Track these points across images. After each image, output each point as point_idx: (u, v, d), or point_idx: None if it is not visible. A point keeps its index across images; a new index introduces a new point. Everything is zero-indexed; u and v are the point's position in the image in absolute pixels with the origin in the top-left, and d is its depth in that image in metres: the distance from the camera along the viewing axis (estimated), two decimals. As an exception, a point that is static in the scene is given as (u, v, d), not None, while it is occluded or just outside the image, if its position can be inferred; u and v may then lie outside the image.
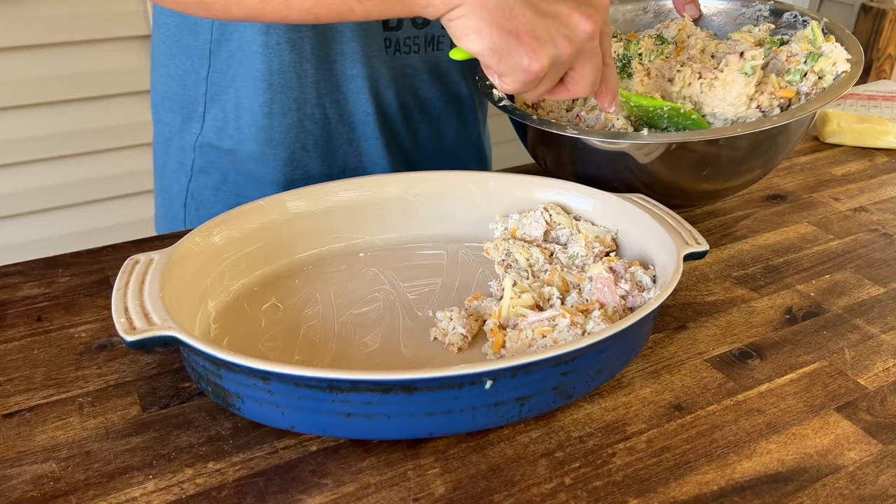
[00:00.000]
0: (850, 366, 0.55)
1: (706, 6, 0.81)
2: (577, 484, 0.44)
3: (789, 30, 0.77)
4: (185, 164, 0.79)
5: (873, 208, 0.79)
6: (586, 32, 0.48)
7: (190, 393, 0.50)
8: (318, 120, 0.75)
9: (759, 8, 0.79)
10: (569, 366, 0.46)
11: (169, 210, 0.83)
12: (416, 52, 0.77)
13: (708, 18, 0.81)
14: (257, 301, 0.58)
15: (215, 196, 0.79)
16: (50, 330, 0.57)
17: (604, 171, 0.67)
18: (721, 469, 0.46)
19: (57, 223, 1.67)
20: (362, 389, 0.43)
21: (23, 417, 0.48)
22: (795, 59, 0.70)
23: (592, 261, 0.60)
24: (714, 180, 0.67)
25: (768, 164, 0.69)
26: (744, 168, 0.67)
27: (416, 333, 0.55)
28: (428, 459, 0.46)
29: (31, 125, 1.56)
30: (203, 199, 0.80)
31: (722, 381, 0.53)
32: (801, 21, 0.76)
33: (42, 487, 0.43)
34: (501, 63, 0.48)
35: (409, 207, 0.66)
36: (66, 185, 1.65)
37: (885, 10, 1.98)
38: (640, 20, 0.83)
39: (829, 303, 0.62)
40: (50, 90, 1.55)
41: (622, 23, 0.83)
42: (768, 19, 0.79)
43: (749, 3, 0.80)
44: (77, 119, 1.60)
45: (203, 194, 0.79)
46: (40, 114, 1.56)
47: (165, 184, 0.83)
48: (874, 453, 0.47)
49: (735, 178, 0.69)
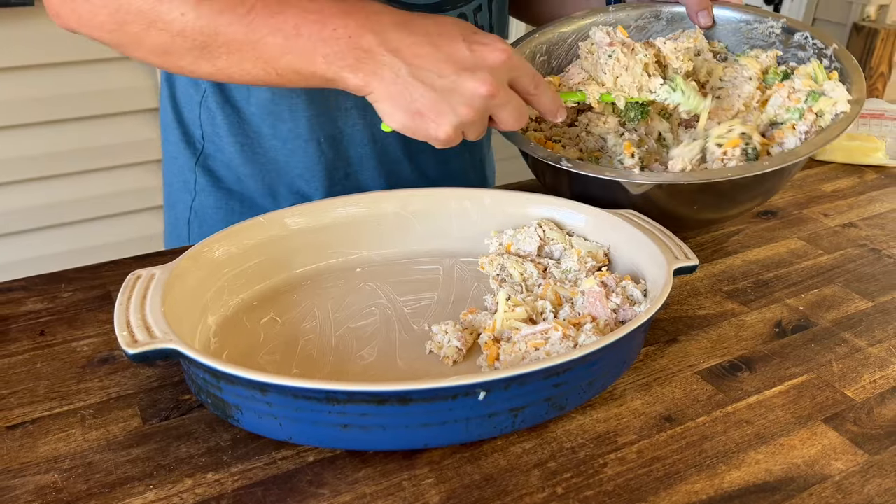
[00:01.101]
0: (837, 378, 0.56)
1: (719, 17, 0.80)
2: (569, 494, 0.45)
3: (799, 51, 0.76)
4: (188, 184, 0.81)
5: (862, 224, 0.80)
6: (482, 95, 0.53)
7: (190, 405, 0.51)
8: (312, 153, 0.76)
9: (772, 24, 0.79)
10: (561, 377, 0.47)
11: (175, 227, 0.85)
12: None
13: (720, 29, 0.80)
14: (256, 315, 0.59)
15: (217, 215, 0.80)
16: (53, 344, 0.58)
17: (600, 194, 0.68)
18: (710, 479, 0.46)
19: (60, 240, 1.68)
20: (358, 401, 0.44)
21: (26, 429, 0.49)
22: (796, 96, 0.71)
23: (585, 275, 0.61)
24: (709, 211, 0.69)
25: (762, 199, 0.71)
26: (736, 202, 0.69)
27: (412, 347, 0.57)
28: (423, 470, 0.47)
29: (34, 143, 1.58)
30: (206, 217, 0.81)
31: (712, 392, 0.54)
32: (812, 44, 0.76)
33: (45, 498, 0.44)
34: (417, 136, 0.55)
35: (406, 223, 0.68)
36: (70, 203, 1.66)
37: (876, 29, 2.02)
38: (653, 27, 0.82)
39: (817, 316, 0.64)
40: (54, 109, 1.57)
41: (634, 29, 0.81)
42: (780, 37, 0.78)
43: (762, 19, 0.79)
44: (80, 137, 1.62)
45: (206, 213, 0.81)
46: (44, 132, 1.59)
47: (171, 201, 0.85)
48: (860, 463, 0.48)
49: (728, 209, 0.70)
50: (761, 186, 0.68)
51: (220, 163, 0.79)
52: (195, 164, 0.80)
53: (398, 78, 0.53)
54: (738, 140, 0.67)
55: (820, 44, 0.76)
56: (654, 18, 0.82)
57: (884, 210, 0.83)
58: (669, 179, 0.63)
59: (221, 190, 0.79)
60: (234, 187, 0.79)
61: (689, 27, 0.81)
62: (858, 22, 2.06)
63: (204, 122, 0.77)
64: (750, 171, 0.63)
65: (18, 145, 1.57)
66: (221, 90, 0.75)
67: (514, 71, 0.56)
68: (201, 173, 0.79)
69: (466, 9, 0.77)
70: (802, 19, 2.15)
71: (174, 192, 0.83)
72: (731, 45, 0.80)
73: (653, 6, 0.82)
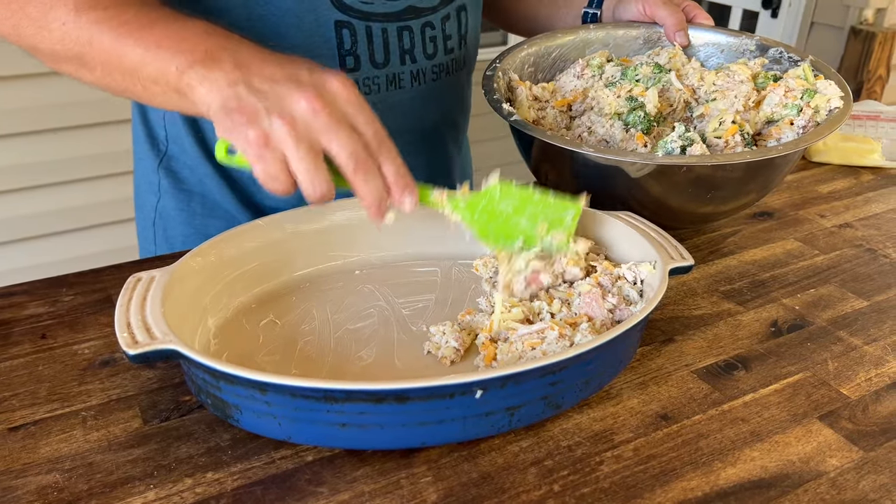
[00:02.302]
0: (833, 376, 0.56)
1: (694, 37, 0.84)
2: (566, 491, 0.46)
3: (774, 64, 0.80)
4: (153, 185, 0.81)
5: (858, 225, 0.80)
6: (303, 108, 0.48)
7: (190, 406, 0.52)
8: None
9: (746, 42, 0.83)
10: (557, 376, 0.48)
11: (143, 229, 0.85)
12: (378, 92, 0.75)
13: (695, 49, 0.84)
14: (256, 317, 0.60)
15: (180, 216, 0.80)
16: (54, 347, 0.58)
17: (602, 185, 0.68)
18: (706, 476, 0.47)
19: (62, 248, 1.69)
20: (356, 399, 0.44)
21: (28, 431, 0.50)
22: (793, 94, 0.73)
23: (581, 276, 0.61)
24: (706, 203, 0.69)
25: (761, 192, 0.72)
26: (737, 193, 0.70)
27: (411, 347, 0.57)
28: (421, 468, 0.47)
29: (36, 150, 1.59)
30: (170, 218, 0.81)
31: (708, 391, 0.54)
32: (787, 57, 0.80)
33: (46, 497, 0.45)
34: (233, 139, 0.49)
35: (404, 226, 0.68)
36: (71, 210, 1.67)
37: (874, 33, 2.02)
38: (630, 46, 0.86)
39: (813, 316, 0.64)
40: (56, 117, 1.58)
41: (613, 47, 0.85)
42: (754, 53, 0.82)
43: (737, 37, 0.83)
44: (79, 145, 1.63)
45: (170, 214, 0.81)
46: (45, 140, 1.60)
47: (140, 203, 0.85)
48: (855, 460, 0.48)
49: (727, 202, 0.71)
50: (758, 178, 0.69)
51: (182, 164, 0.79)
52: (158, 165, 0.80)
53: (233, 87, 0.49)
54: (735, 127, 0.69)
55: (796, 56, 0.79)
56: (632, 39, 0.86)
57: (880, 211, 0.84)
58: (669, 161, 0.64)
59: (183, 192, 0.80)
60: (196, 189, 0.79)
61: (666, 46, 0.84)
62: (856, 25, 2.07)
63: (168, 122, 0.78)
64: (749, 157, 0.64)
65: (21, 153, 1.58)
66: None
67: (351, 106, 0.50)
68: (164, 175, 0.80)
69: (433, 17, 0.76)
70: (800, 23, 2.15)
71: (141, 193, 0.84)
72: (709, 64, 0.84)
73: (630, 26, 0.86)
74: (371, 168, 0.50)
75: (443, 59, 0.78)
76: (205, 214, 0.79)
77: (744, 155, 0.65)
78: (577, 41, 0.85)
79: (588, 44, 0.85)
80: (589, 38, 0.85)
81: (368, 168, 0.50)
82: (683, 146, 0.66)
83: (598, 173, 0.68)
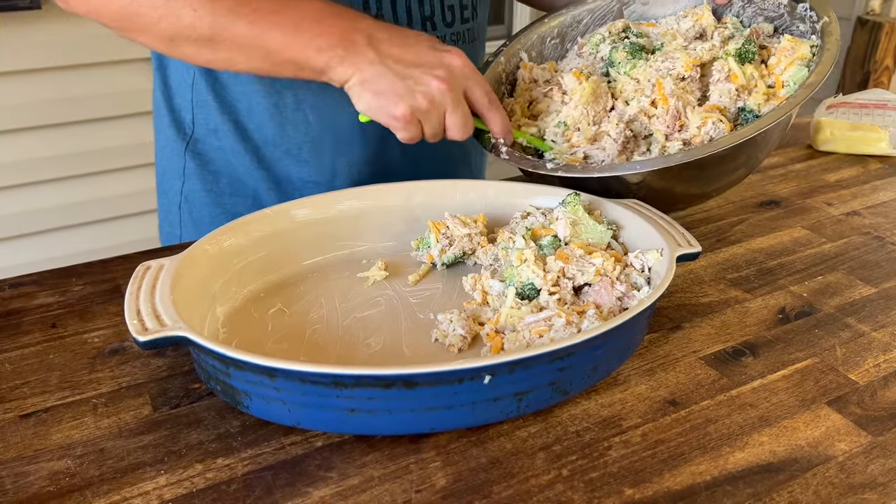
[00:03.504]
0: (841, 362, 0.56)
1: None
2: (575, 475, 0.46)
3: (800, 23, 0.74)
4: (178, 169, 0.83)
5: (866, 212, 0.80)
6: (438, 87, 0.61)
7: (199, 394, 0.52)
8: (299, 125, 0.78)
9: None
10: (564, 361, 0.48)
11: (167, 214, 0.87)
12: None
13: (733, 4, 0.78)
14: (264, 306, 0.60)
15: (207, 196, 0.82)
16: (64, 336, 0.59)
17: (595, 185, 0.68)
18: (714, 460, 0.47)
19: (71, 242, 1.70)
20: (365, 385, 0.44)
21: (39, 418, 0.50)
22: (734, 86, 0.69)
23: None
24: (699, 184, 0.69)
25: (750, 164, 0.70)
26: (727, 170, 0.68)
27: (418, 335, 0.57)
28: (429, 453, 0.47)
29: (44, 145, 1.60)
30: (196, 200, 0.83)
31: (716, 377, 0.54)
32: (809, 16, 0.73)
33: (58, 483, 0.45)
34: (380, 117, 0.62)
35: (411, 215, 0.68)
36: (81, 204, 1.68)
37: (880, 23, 2.01)
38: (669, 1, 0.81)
39: (821, 303, 0.64)
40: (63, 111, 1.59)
41: (652, 4, 0.81)
42: (786, 7, 0.75)
43: None
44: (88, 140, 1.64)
45: (196, 196, 0.83)
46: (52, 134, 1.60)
47: (164, 189, 0.87)
48: (864, 444, 0.48)
49: (719, 180, 0.70)
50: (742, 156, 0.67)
51: (209, 146, 0.81)
52: (185, 149, 0.82)
53: (373, 67, 0.60)
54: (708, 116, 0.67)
55: (815, 16, 0.73)
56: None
57: (887, 199, 0.84)
58: (661, 164, 0.63)
59: (210, 173, 0.81)
60: (223, 169, 0.81)
61: (700, 3, 0.79)
62: (863, 16, 2.06)
63: (196, 105, 0.79)
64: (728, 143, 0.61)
65: (27, 147, 1.58)
66: (210, 71, 0.77)
67: (469, 79, 0.64)
68: (190, 157, 0.82)
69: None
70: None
71: (166, 179, 0.86)
72: (746, 20, 0.78)
73: None
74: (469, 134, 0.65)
75: (460, 27, 0.80)
76: (232, 194, 0.81)
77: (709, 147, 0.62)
78: (612, 4, 0.81)
79: (625, 4, 0.82)
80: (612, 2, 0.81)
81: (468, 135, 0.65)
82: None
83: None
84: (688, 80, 0.71)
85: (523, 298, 0.58)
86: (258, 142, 0.79)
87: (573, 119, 0.70)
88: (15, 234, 1.65)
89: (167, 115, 0.82)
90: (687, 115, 0.68)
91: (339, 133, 0.79)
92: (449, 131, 0.64)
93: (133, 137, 1.67)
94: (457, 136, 0.64)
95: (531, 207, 0.66)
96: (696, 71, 0.71)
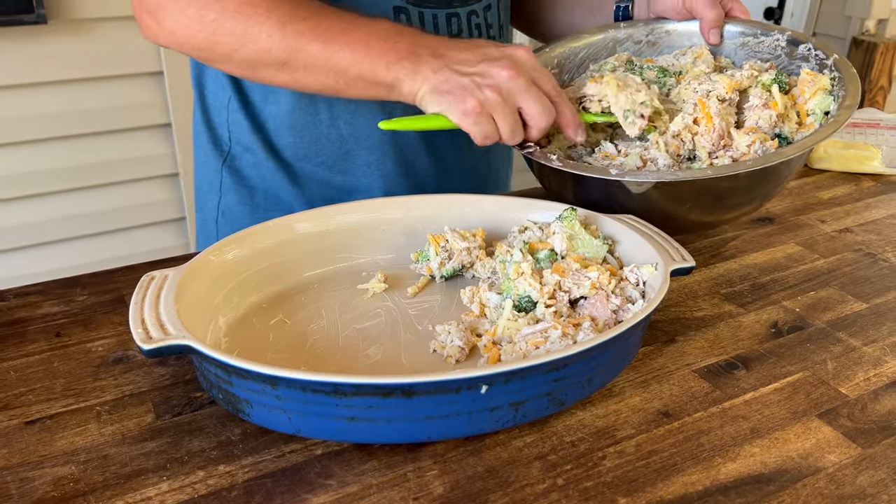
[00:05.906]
0: (832, 376, 0.57)
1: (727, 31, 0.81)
2: (569, 484, 0.47)
3: (803, 62, 0.76)
4: (215, 184, 0.86)
5: (858, 230, 0.82)
6: (505, 76, 0.62)
7: (202, 402, 0.53)
8: (334, 140, 0.80)
9: (778, 37, 0.79)
10: (560, 372, 0.49)
11: (204, 228, 0.89)
12: None
13: (727, 44, 0.81)
14: (266, 316, 0.61)
15: (243, 210, 0.84)
16: (69, 344, 0.59)
17: (602, 198, 0.69)
18: (706, 471, 0.48)
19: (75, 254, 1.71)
20: (364, 393, 0.45)
21: (44, 424, 0.51)
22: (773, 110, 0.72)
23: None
24: (708, 211, 0.70)
25: (764, 199, 0.72)
26: (740, 201, 0.70)
27: (417, 346, 0.58)
28: (427, 462, 0.48)
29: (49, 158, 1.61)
30: (233, 214, 0.85)
31: (709, 389, 0.55)
32: (815, 54, 0.76)
33: (63, 488, 0.46)
34: (451, 114, 0.62)
35: (410, 228, 0.69)
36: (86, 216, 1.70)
37: (875, 43, 2.04)
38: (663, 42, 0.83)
39: (813, 318, 0.65)
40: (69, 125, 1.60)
41: (645, 44, 0.83)
42: (784, 49, 0.78)
43: (768, 32, 0.79)
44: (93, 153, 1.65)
45: (233, 210, 0.85)
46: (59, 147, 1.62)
47: (201, 204, 0.89)
48: (853, 456, 0.49)
49: (730, 211, 0.72)
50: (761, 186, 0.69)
51: (245, 162, 0.83)
52: (222, 165, 0.84)
53: (439, 73, 0.62)
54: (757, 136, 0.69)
55: (822, 54, 0.76)
56: (665, 34, 0.84)
57: (879, 216, 0.85)
58: (669, 178, 0.65)
59: (246, 188, 0.84)
60: (259, 185, 0.83)
61: (697, 43, 0.82)
62: (857, 36, 2.09)
63: (231, 124, 0.82)
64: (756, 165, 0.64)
65: (32, 160, 1.60)
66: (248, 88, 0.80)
67: (536, 71, 0.64)
68: (227, 173, 0.84)
69: (477, 6, 0.80)
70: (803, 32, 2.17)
71: (203, 194, 0.88)
72: (738, 60, 0.81)
73: (662, 22, 0.83)
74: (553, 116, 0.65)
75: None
76: (267, 207, 0.84)
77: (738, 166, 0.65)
78: (606, 40, 0.83)
79: (619, 42, 0.84)
80: (619, 36, 0.84)
81: (551, 118, 0.64)
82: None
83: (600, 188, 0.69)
84: (727, 103, 0.73)
85: (520, 311, 0.59)
86: (290, 159, 0.81)
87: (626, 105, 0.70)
88: (20, 245, 1.66)
89: (205, 132, 0.85)
90: (731, 135, 0.70)
91: (372, 146, 0.81)
92: (531, 119, 0.63)
93: (137, 150, 1.69)
94: (540, 121, 0.63)
95: (528, 222, 0.67)
96: (736, 94, 0.74)
